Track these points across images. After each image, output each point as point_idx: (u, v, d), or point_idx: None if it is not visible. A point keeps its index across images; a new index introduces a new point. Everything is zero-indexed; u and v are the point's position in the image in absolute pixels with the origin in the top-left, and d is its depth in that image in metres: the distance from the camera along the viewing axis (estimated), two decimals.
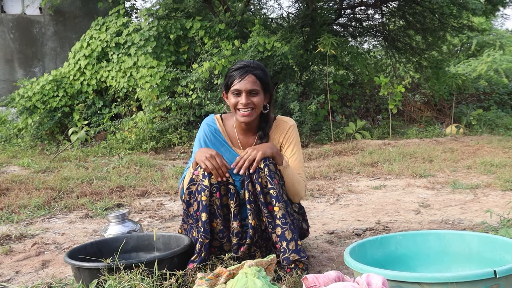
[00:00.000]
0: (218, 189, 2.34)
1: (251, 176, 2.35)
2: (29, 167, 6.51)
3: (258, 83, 2.46)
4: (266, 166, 2.35)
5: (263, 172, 2.34)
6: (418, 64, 11.08)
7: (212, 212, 2.34)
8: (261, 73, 2.47)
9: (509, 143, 7.30)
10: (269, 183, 2.33)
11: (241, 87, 2.43)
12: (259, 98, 2.46)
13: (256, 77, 2.45)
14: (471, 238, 2.25)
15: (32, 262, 2.88)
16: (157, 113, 8.25)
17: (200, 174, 2.34)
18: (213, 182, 2.32)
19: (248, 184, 2.35)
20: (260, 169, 2.34)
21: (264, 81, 2.48)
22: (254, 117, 2.49)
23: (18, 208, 4.19)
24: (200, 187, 2.33)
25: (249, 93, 2.44)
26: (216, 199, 2.33)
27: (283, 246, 2.29)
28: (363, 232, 3.22)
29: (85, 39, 9.59)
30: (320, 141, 8.31)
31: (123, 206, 4.28)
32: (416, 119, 10.16)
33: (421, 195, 4.28)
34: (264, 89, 2.50)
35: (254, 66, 2.47)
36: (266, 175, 2.34)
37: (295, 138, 2.60)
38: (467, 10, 8.95)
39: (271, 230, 2.35)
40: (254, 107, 2.46)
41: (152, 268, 2.14)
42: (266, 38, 8.39)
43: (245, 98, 2.43)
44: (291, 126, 2.61)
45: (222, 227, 2.37)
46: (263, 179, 2.34)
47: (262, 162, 2.35)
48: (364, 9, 11.01)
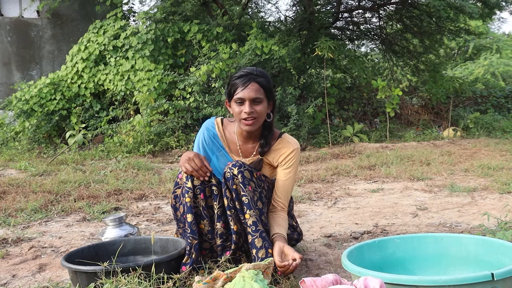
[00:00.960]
0: (202, 190, 2.34)
1: (226, 182, 2.34)
2: (26, 170, 6.50)
3: (262, 91, 2.40)
4: (240, 173, 2.33)
5: (237, 178, 2.32)
6: (415, 67, 11.11)
7: (198, 213, 2.35)
8: (264, 81, 2.41)
9: (506, 146, 7.31)
10: (241, 190, 2.32)
11: (244, 96, 2.37)
12: (262, 106, 2.41)
13: (260, 84, 2.39)
14: (468, 241, 2.25)
15: (29, 266, 2.87)
16: (155, 116, 8.25)
17: (184, 177, 2.35)
18: (196, 184, 2.33)
19: (226, 191, 2.34)
20: (234, 175, 2.32)
21: (268, 88, 2.43)
22: (257, 126, 2.44)
23: (15, 212, 4.18)
24: (184, 190, 2.34)
25: (253, 101, 2.38)
26: (201, 200, 2.34)
27: (253, 254, 2.28)
28: (361, 235, 3.22)
29: (82, 42, 9.59)
30: (318, 144, 8.31)
31: (120, 209, 4.27)
32: (413, 122, 10.18)
33: (419, 198, 4.29)
34: (268, 97, 2.44)
35: (258, 74, 2.42)
36: (240, 182, 2.32)
37: (295, 163, 2.53)
38: (464, 14, 8.97)
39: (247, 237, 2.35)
40: (257, 116, 2.40)
41: (150, 272, 2.14)
42: (264, 41, 8.40)
43: (248, 106, 2.37)
44: (294, 150, 2.53)
45: (210, 228, 2.37)
46: (238, 186, 2.33)
47: (236, 169, 2.33)
48: (361, 13, 11.03)
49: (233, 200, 2.34)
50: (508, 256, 2.05)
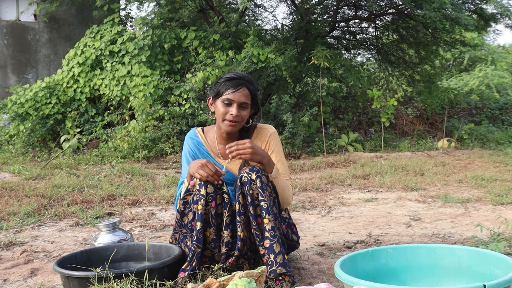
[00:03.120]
0: (214, 198, 2.34)
1: (242, 187, 2.34)
2: (20, 174, 6.48)
3: (250, 97, 2.52)
4: (258, 178, 2.34)
5: (255, 183, 2.34)
6: (410, 77, 11.16)
7: (207, 221, 2.35)
8: (253, 88, 2.53)
9: (500, 157, 7.34)
10: (260, 195, 2.33)
11: (234, 98, 2.47)
12: (247, 112, 2.53)
13: (249, 91, 2.51)
14: (461, 252, 2.25)
15: (21, 270, 2.85)
16: (150, 122, 8.24)
17: (197, 184, 2.35)
18: (209, 191, 2.33)
19: (239, 196, 2.35)
20: (252, 180, 2.34)
21: (255, 95, 2.55)
22: (238, 129, 2.54)
23: (8, 215, 4.16)
24: (196, 197, 2.33)
25: (241, 105, 2.48)
26: (212, 208, 2.34)
27: (271, 259, 2.28)
28: (354, 244, 3.22)
29: (79, 46, 9.58)
30: (313, 153, 8.32)
31: (114, 215, 4.26)
32: (408, 133, 10.21)
33: (412, 208, 4.29)
34: (252, 103, 2.56)
35: (248, 80, 2.53)
36: (258, 187, 2.33)
37: (277, 145, 2.64)
38: (460, 25, 9.03)
39: (258, 242, 2.34)
40: (241, 120, 2.51)
41: (142, 278, 2.13)
42: (260, 49, 8.42)
43: (236, 109, 2.47)
44: (272, 133, 2.66)
45: (214, 237, 2.37)
46: (254, 191, 2.34)
47: (254, 174, 2.34)
48: (358, 23, 11.09)
49: (245, 206, 2.35)
50: (501, 267, 2.05)
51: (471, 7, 9.16)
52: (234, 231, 2.40)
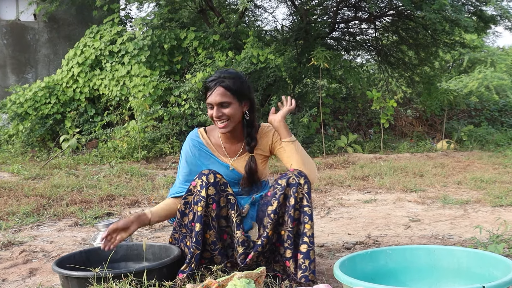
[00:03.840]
0: (216, 200, 2.34)
1: (287, 188, 2.35)
2: (19, 174, 6.47)
3: (229, 94, 2.42)
4: (306, 184, 2.36)
5: (302, 188, 2.35)
6: (410, 79, 11.16)
7: (207, 223, 2.34)
8: (231, 83, 2.43)
9: (499, 159, 7.35)
10: (305, 200, 2.34)
11: (211, 100, 2.43)
12: (231, 109, 2.43)
13: (226, 88, 2.42)
14: (460, 253, 2.25)
15: (19, 270, 2.85)
16: (149, 122, 8.24)
17: (198, 185, 2.34)
18: (210, 193, 2.32)
19: (280, 196, 2.34)
20: (300, 184, 2.34)
21: (236, 90, 2.44)
22: (231, 127, 2.47)
23: (7, 215, 4.16)
24: (196, 198, 2.33)
25: (220, 105, 2.42)
26: (212, 210, 2.33)
27: (305, 264, 2.28)
28: (353, 245, 3.22)
29: (79, 46, 9.58)
30: (312, 154, 8.32)
31: (113, 215, 4.26)
32: (407, 134, 10.21)
33: (412, 209, 4.29)
34: (238, 98, 2.46)
35: (225, 76, 2.44)
36: (305, 192, 2.35)
37: None
38: (460, 27, 9.04)
39: (288, 245, 2.34)
40: (228, 118, 2.44)
41: (141, 278, 2.13)
42: (260, 50, 8.42)
43: (216, 110, 2.43)
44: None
45: (214, 239, 2.36)
46: (299, 195, 2.34)
47: (302, 179, 2.35)
48: (357, 24, 11.09)
49: (284, 206, 2.35)
50: (500, 269, 2.05)
51: (470, 9, 9.17)
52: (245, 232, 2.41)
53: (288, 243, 2.35)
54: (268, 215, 2.36)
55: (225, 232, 2.41)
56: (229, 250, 2.41)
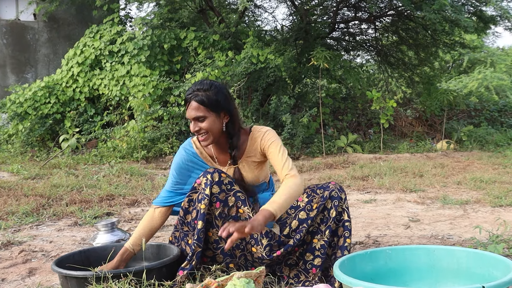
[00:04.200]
0: (219, 199, 2.33)
1: (328, 200, 2.40)
2: (19, 174, 6.47)
3: (202, 108, 2.34)
4: (346, 199, 2.43)
5: (342, 203, 2.41)
6: (410, 79, 11.16)
7: (210, 221, 2.34)
8: (204, 96, 2.35)
9: (498, 159, 7.34)
10: (346, 215, 2.41)
11: (187, 115, 2.40)
12: (207, 122, 2.36)
13: (199, 102, 2.34)
14: (460, 253, 2.25)
15: (19, 270, 2.85)
16: (149, 122, 8.24)
17: (202, 183, 2.33)
18: (214, 191, 2.32)
19: (321, 206, 2.40)
20: (341, 199, 2.40)
21: (210, 103, 2.35)
22: (211, 140, 2.40)
23: (6, 215, 4.16)
24: (201, 196, 2.33)
25: (196, 119, 2.37)
26: (215, 209, 2.33)
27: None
28: (353, 245, 3.22)
29: (78, 46, 9.58)
30: (312, 154, 8.32)
31: (112, 214, 4.25)
32: (407, 134, 10.21)
33: (411, 209, 4.29)
34: (214, 110, 2.37)
35: (199, 89, 2.37)
36: (345, 207, 2.42)
37: (273, 137, 2.47)
38: (459, 27, 9.04)
39: (319, 253, 2.40)
40: (206, 131, 2.37)
41: (141, 278, 2.13)
42: (260, 50, 8.42)
43: (192, 125, 2.38)
44: (265, 131, 2.49)
45: (217, 238, 2.36)
46: (338, 209, 2.40)
47: (343, 194, 2.42)
48: (357, 24, 11.10)
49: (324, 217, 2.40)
50: (500, 269, 2.05)
51: (470, 9, 9.16)
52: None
53: (320, 252, 2.40)
54: (303, 220, 2.40)
55: None
56: (235, 249, 2.39)
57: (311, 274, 2.39)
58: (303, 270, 2.42)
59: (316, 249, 2.40)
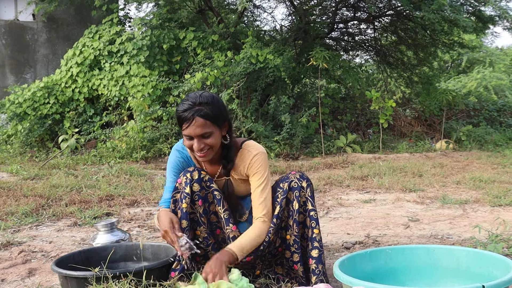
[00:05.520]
0: (201, 197, 2.33)
1: (289, 192, 2.34)
2: (18, 174, 6.46)
3: (209, 123, 2.22)
4: (309, 187, 2.35)
5: (304, 192, 2.34)
6: (409, 79, 11.17)
7: (195, 220, 2.34)
8: (209, 110, 2.21)
9: (497, 159, 7.35)
10: (310, 204, 2.34)
11: (190, 133, 2.22)
12: (212, 138, 2.24)
13: (205, 117, 2.20)
14: (460, 253, 2.26)
15: (19, 270, 2.85)
16: (148, 122, 8.23)
17: (183, 182, 2.32)
18: (195, 189, 2.31)
19: (282, 200, 2.34)
20: (302, 188, 2.34)
21: (215, 117, 2.23)
22: (212, 155, 2.31)
23: (6, 215, 4.16)
24: (182, 195, 2.32)
25: (201, 136, 2.23)
26: (199, 206, 2.33)
27: (319, 269, 2.30)
28: (353, 245, 3.22)
29: (77, 46, 9.58)
30: (311, 153, 8.32)
31: (112, 215, 4.25)
32: (406, 134, 10.22)
33: (411, 209, 4.30)
34: (218, 124, 2.26)
35: (201, 102, 2.21)
36: (308, 196, 2.34)
37: (260, 167, 2.36)
38: (458, 27, 9.05)
39: (295, 249, 2.35)
40: (210, 147, 2.26)
41: (141, 278, 2.13)
42: (259, 50, 8.42)
43: (197, 143, 2.23)
44: (255, 155, 2.37)
45: (206, 235, 2.36)
46: (302, 198, 2.34)
47: (305, 182, 2.34)
48: (356, 24, 11.11)
49: (288, 211, 2.35)
50: (499, 268, 2.06)
51: (469, 9, 9.18)
52: (237, 224, 2.41)
53: (295, 247, 2.36)
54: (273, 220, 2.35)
55: (217, 227, 2.41)
56: (223, 244, 2.39)
57: (295, 270, 2.38)
58: (289, 268, 2.42)
59: (291, 245, 2.37)
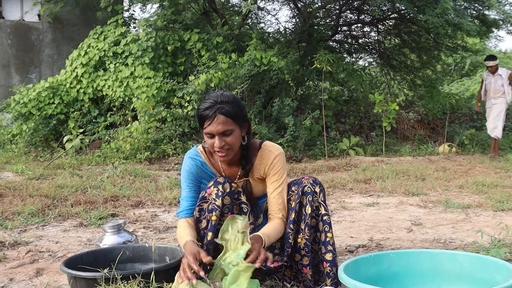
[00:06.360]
0: (230, 210, 2.33)
1: (302, 196, 2.37)
2: (23, 174, 6.50)
3: (230, 121, 2.23)
4: (321, 192, 2.39)
5: (317, 196, 2.38)
6: (412, 82, 11.20)
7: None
8: (230, 108, 2.23)
9: (500, 163, 7.37)
10: (323, 209, 2.38)
11: (212, 130, 2.22)
12: (233, 136, 2.25)
13: (226, 115, 2.22)
14: (463, 258, 2.28)
15: (26, 270, 2.88)
16: (152, 123, 8.28)
17: (213, 193, 2.30)
18: (226, 202, 2.30)
19: (297, 205, 2.37)
20: (315, 193, 2.38)
21: (236, 115, 2.25)
22: (232, 155, 2.31)
23: (12, 215, 4.19)
24: (211, 206, 2.30)
25: (222, 134, 2.23)
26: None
27: (333, 272, 2.34)
28: (356, 248, 3.24)
29: (82, 47, 9.63)
30: (314, 156, 8.34)
31: (117, 216, 4.28)
32: (409, 137, 10.24)
33: (414, 213, 4.32)
34: (239, 123, 2.28)
35: (223, 101, 2.23)
36: (321, 200, 2.38)
37: (281, 168, 2.41)
38: (462, 31, 9.08)
39: (305, 252, 2.39)
40: (230, 147, 2.26)
41: (148, 280, 2.16)
42: (263, 52, 8.46)
43: (218, 140, 2.23)
44: (276, 156, 2.41)
45: None
46: (315, 203, 2.38)
47: (318, 187, 2.38)
48: (360, 27, 11.14)
49: (300, 215, 2.39)
50: (502, 274, 2.08)
51: (473, 13, 9.21)
52: None
53: (305, 251, 2.39)
54: (287, 225, 2.39)
55: None
56: None
57: (304, 273, 2.40)
58: (298, 271, 2.44)
59: (301, 249, 2.40)
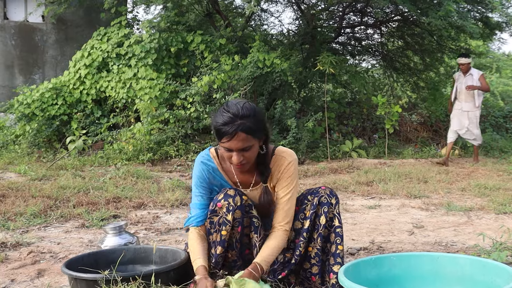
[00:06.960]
0: (241, 223, 2.31)
1: (318, 206, 2.38)
2: (26, 174, 6.52)
3: (250, 137, 2.17)
4: (337, 204, 2.40)
5: (333, 208, 2.38)
6: (415, 84, 11.18)
7: (230, 244, 2.33)
8: (252, 124, 2.16)
9: (503, 166, 7.35)
10: (337, 221, 2.39)
11: (231, 147, 2.17)
12: (251, 151, 2.21)
13: (246, 132, 2.14)
14: (464, 261, 2.28)
15: (28, 271, 2.89)
16: (155, 125, 8.28)
17: (224, 207, 2.26)
18: (236, 217, 2.26)
19: (313, 215, 2.37)
20: (331, 204, 2.38)
21: (256, 129, 2.18)
22: (248, 167, 2.29)
23: (14, 216, 4.20)
24: (222, 220, 2.27)
25: (242, 150, 2.18)
26: (237, 233, 2.31)
27: (339, 284, 2.31)
28: (357, 251, 3.24)
29: (86, 48, 9.65)
30: (316, 158, 8.34)
31: (119, 217, 4.29)
32: (412, 139, 10.22)
33: (415, 216, 4.32)
34: (258, 136, 2.23)
35: (244, 115, 2.15)
36: (336, 212, 2.39)
37: (293, 175, 2.37)
38: (465, 33, 9.07)
39: (316, 262, 2.40)
40: (248, 160, 2.23)
41: (149, 281, 2.16)
42: (266, 54, 8.46)
43: (236, 156, 2.18)
44: (290, 162, 2.37)
45: (235, 258, 2.37)
46: (329, 214, 2.38)
47: (334, 199, 2.39)
48: (363, 29, 11.13)
49: (314, 224, 2.39)
50: (503, 277, 2.08)
51: (476, 16, 9.20)
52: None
53: (316, 260, 2.40)
54: (299, 231, 2.40)
55: (247, 248, 2.41)
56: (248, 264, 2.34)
57: (312, 282, 2.42)
58: (305, 278, 2.46)
59: (312, 257, 2.41)
